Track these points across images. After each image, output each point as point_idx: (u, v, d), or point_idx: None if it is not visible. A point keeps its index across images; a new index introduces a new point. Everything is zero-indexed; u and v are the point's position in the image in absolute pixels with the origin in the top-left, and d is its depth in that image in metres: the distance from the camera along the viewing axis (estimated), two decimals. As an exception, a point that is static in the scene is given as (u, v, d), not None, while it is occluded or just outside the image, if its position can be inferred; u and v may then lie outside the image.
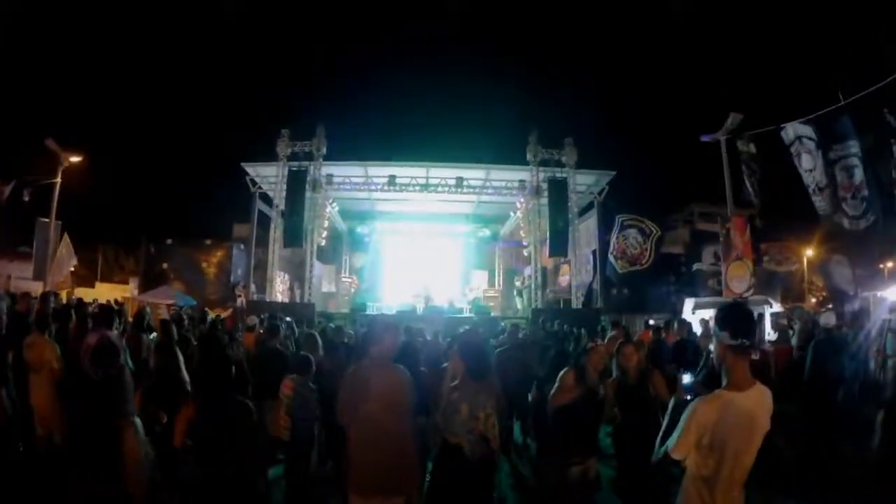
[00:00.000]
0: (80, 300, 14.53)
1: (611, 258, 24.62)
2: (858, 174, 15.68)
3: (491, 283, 34.51)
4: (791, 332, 12.75)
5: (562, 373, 6.28)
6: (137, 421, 3.29)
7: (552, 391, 6.23)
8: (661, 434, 3.67)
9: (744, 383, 3.32)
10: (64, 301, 16.17)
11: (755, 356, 3.50)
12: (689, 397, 3.63)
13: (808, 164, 17.00)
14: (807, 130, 16.83)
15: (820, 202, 16.90)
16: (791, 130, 17.23)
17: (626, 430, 6.48)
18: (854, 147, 15.76)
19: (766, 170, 19.22)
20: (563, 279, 28.93)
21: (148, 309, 13.62)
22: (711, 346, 4.47)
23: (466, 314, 26.12)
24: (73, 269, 24.76)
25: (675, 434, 3.37)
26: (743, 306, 3.78)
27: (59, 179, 22.62)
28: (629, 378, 6.52)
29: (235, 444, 4.40)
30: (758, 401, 3.36)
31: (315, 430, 7.36)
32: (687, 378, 3.69)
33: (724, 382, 3.38)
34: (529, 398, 9.31)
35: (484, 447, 5.10)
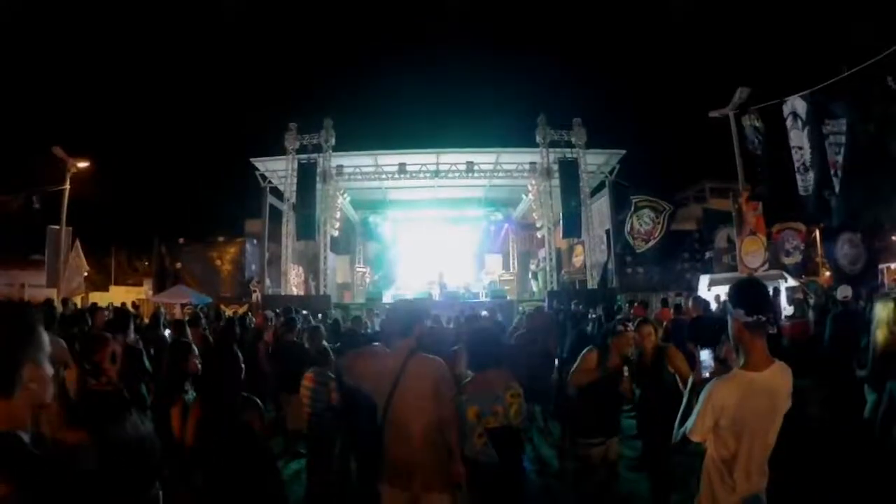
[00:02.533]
0: (94, 304, 14.59)
1: (628, 238, 24.68)
2: (842, 153, 15.78)
3: (505, 267, 34.45)
4: (807, 306, 12.75)
5: (584, 352, 6.23)
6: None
7: (572, 370, 6.21)
8: (679, 415, 3.63)
9: (762, 362, 3.26)
10: (79, 306, 16.28)
11: (772, 331, 3.40)
12: (707, 375, 3.59)
13: (796, 142, 17.12)
14: (800, 106, 16.95)
15: (802, 182, 16.99)
16: (789, 105, 17.28)
17: (646, 409, 6.48)
18: (844, 125, 15.86)
19: (771, 145, 19.25)
20: (578, 260, 28.92)
21: (163, 309, 13.68)
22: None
23: (482, 299, 26.13)
24: (86, 274, 24.87)
25: (693, 416, 3.33)
26: (757, 281, 3.73)
27: (67, 186, 22.73)
28: (646, 356, 6.50)
29: (242, 443, 4.38)
30: (778, 379, 3.30)
31: (336, 423, 7.31)
32: (705, 355, 3.61)
33: (740, 362, 3.33)
34: (551, 380, 9.35)
35: (492, 449, 4.71)
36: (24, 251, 30.26)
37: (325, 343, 8.25)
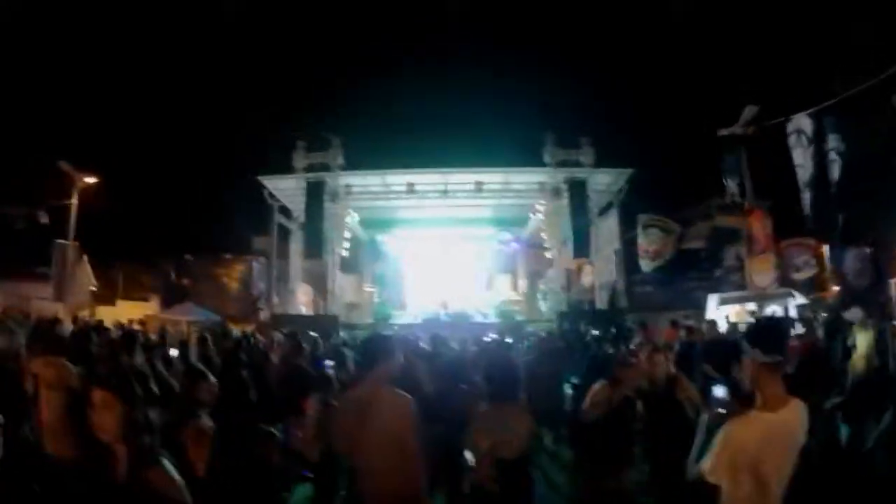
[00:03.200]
0: (100, 323, 14.50)
1: (639, 260, 24.71)
2: (844, 171, 15.84)
3: (514, 287, 34.34)
4: (816, 323, 12.69)
5: (595, 387, 6.17)
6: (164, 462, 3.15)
7: (584, 404, 6.15)
8: (694, 450, 3.58)
9: (778, 402, 3.21)
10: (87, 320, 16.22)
11: (789, 369, 3.39)
12: (722, 411, 3.53)
13: (799, 160, 17.15)
14: (805, 124, 16.98)
15: (805, 200, 17.02)
16: (794, 123, 17.32)
17: (656, 438, 6.41)
18: (847, 142, 15.95)
19: (772, 162, 19.31)
20: (587, 280, 28.78)
21: (169, 328, 13.68)
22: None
23: (491, 320, 26.02)
24: (93, 288, 24.93)
25: (709, 457, 3.28)
26: (775, 322, 3.71)
27: (74, 201, 22.75)
28: (657, 386, 6.43)
29: (255, 474, 4.33)
30: (794, 418, 3.25)
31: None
32: (719, 391, 3.54)
33: (756, 401, 3.28)
34: (562, 406, 9.29)
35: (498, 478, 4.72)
36: (30, 264, 30.25)
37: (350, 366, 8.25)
